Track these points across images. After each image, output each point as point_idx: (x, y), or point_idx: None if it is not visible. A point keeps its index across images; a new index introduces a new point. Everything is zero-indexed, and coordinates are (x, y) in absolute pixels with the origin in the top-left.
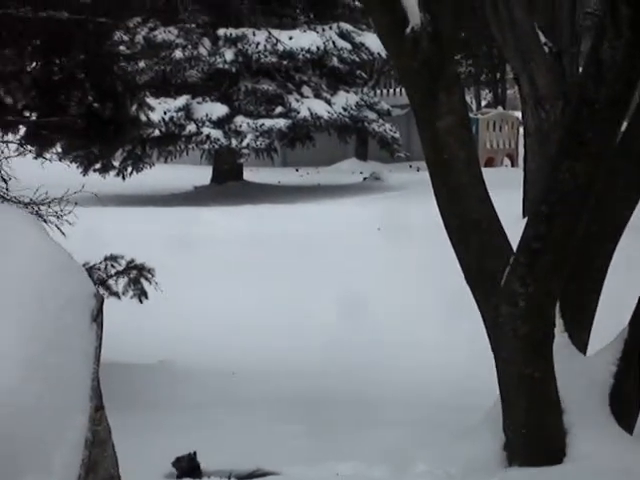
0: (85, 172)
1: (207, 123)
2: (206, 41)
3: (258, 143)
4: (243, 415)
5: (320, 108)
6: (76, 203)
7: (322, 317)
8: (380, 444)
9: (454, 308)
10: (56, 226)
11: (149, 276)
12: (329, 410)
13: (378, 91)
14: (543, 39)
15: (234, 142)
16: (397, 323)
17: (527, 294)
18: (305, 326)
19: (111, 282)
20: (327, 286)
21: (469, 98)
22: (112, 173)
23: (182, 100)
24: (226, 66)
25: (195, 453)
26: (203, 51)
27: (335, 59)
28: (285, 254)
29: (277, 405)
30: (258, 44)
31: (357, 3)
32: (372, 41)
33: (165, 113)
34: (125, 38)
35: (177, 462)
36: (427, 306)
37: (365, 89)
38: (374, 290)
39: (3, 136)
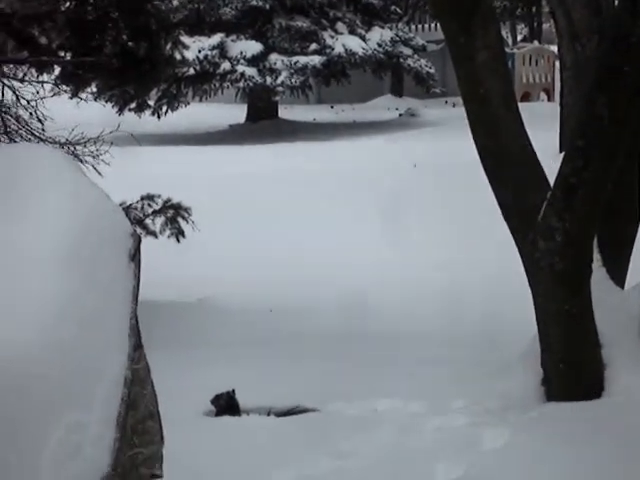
0: (120, 111)
1: (241, 61)
2: None
3: (293, 80)
4: (281, 352)
5: (355, 44)
6: (112, 143)
7: (358, 255)
8: (417, 381)
9: (485, 243)
10: (92, 166)
11: (186, 215)
12: (365, 347)
13: (413, 27)
14: None
15: (269, 80)
16: (432, 259)
17: (564, 229)
18: (341, 264)
19: (148, 221)
20: (365, 223)
21: (505, 33)
22: (147, 112)
23: (216, 38)
24: (260, 3)
25: (234, 391)
26: None
27: None
28: (322, 191)
29: (314, 342)
30: None
31: None
32: None
33: (199, 51)
34: None
35: (216, 400)
36: (459, 242)
37: (400, 25)
38: (410, 226)
39: (38, 76)
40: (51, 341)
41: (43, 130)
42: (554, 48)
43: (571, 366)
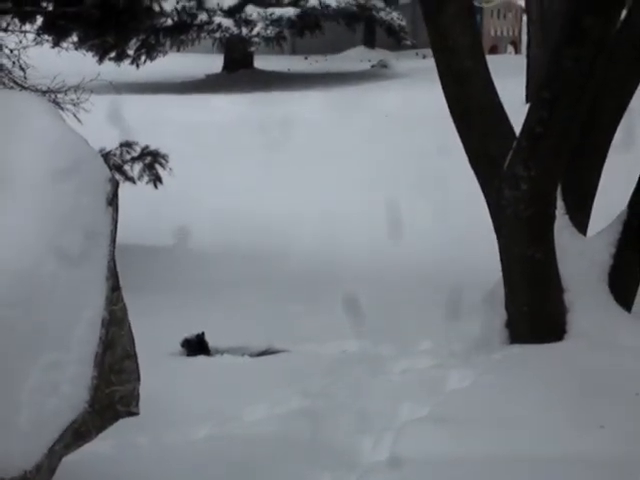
0: (100, 61)
1: (218, 12)
2: None
3: (268, 32)
4: (253, 295)
5: None
6: (92, 91)
7: (329, 201)
8: (384, 323)
9: (453, 191)
10: (72, 114)
11: (163, 162)
12: (335, 290)
13: None
14: None
15: (244, 31)
16: (399, 205)
17: (529, 177)
18: (312, 210)
19: (126, 168)
20: (332, 170)
21: None
22: (127, 62)
23: None
24: None
25: (203, 333)
26: None
27: None
28: (294, 140)
29: (286, 285)
30: None
31: None
32: None
33: (177, 2)
34: None
35: (186, 343)
36: (427, 190)
37: None
38: (378, 174)
39: (21, 26)
40: (30, 282)
41: (25, 78)
42: (521, 2)
43: (534, 309)
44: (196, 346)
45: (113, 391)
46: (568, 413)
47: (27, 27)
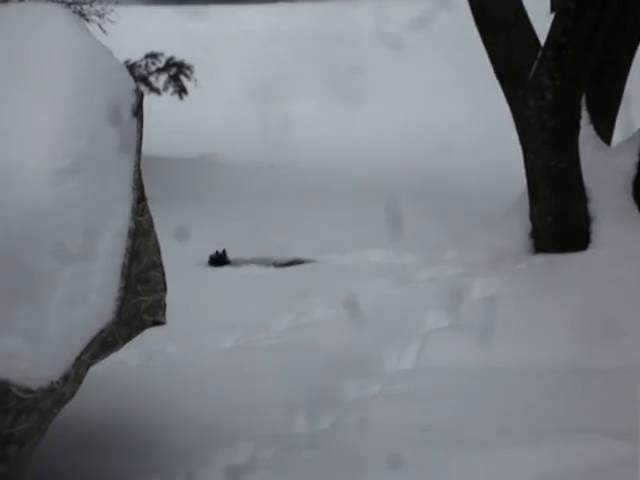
0: None
1: None
2: None
3: None
4: (280, 206)
5: None
6: (117, 2)
7: (363, 113)
8: (410, 233)
9: (482, 102)
10: (98, 25)
11: (188, 73)
12: (359, 202)
13: None
14: None
15: None
16: (424, 115)
17: (555, 87)
18: (342, 122)
19: (152, 79)
20: (368, 82)
21: None
22: None
23: None
24: None
25: (224, 251)
26: None
27: None
28: (324, 50)
29: (313, 197)
30: None
31: None
32: None
33: None
34: None
35: (210, 259)
36: (456, 99)
37: None
38: (401, 85)
39: None
40: (58, 193)
41: None
42: None
43: (558, 219)
44: (217, 263)
45: (140, 301)
46: (592, 322)
47: None
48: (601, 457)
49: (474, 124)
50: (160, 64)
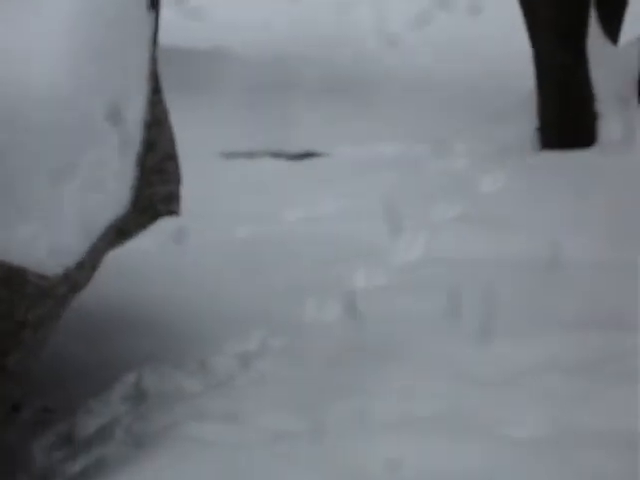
0: None
1: None
2: None
3: None
4: (293, 98)
5: None
6: None
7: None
8: (420, 126)
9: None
10: None
11: None
12: (372, 93)
13: None
14: None
15: None
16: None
17: None
18: (361, 18)
19: None
20: None
21: None
22: None
23: None
24: None
25: None
26: None
27: None
28: None
29: (322, 88)
30: None
31: None
32: None
33: None
34: None
35: None
36: None
37: None
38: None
39: None
40: (75, 81)
41: None
42: None
43: (566, 115)
44: None
45: (154, 191)
46: (599, 219)
47: None
48: (604, 349)
49: (485, 20)
50: None
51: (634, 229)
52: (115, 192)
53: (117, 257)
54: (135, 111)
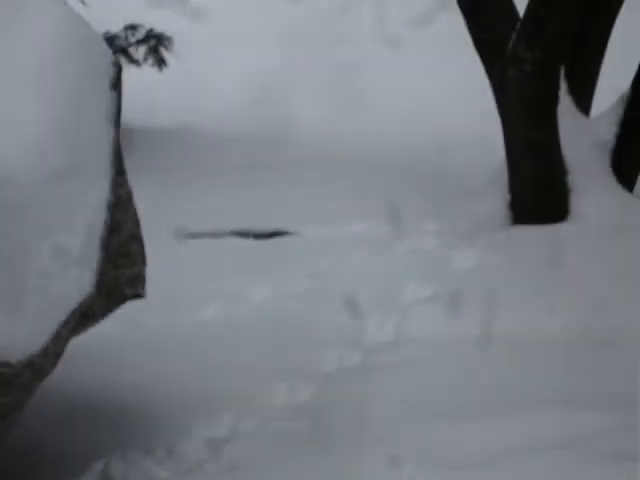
0: None
1: None
2: None
3: None
4: (261, 178)
5: None
6: None
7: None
8: (392, 206)
9: (459, 73)
10: None
11: (168, 44)
12: (343, 175)
13: None
14: None
15: None
16: (402, 85)
17: (533, 59)
18: (322, 94)
19: (131, 50)
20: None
21: None
22: None
23: None
24: None
25: None
26: None
27: None
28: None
29: (293, 168)
30: None
31: None
32: None
33: None
34: None
35: None
36: (431, 71)
37: None
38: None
39: None
40: (36, 166)
41: None
42: None
43: (537, 190)
44: None
45: (119, 274)
46: (570, 293)
47: None
48: (572, 428)
49: (453, 93)
50: (140, 35)
51: (606, 303)
52: (78, 276)
53: (81, 341)
54: (99, 193)
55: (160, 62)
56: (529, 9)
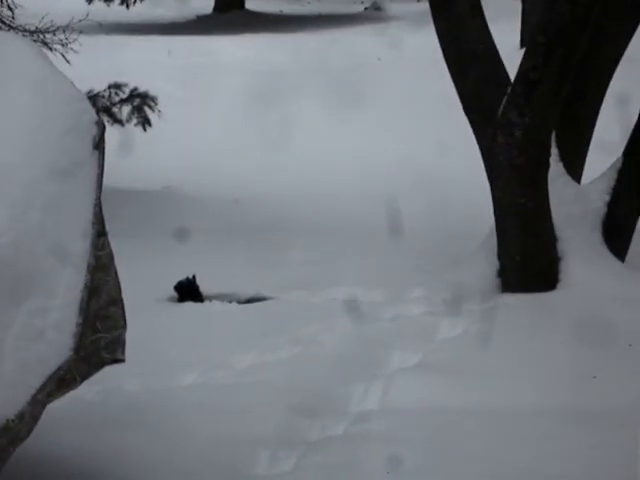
0: (90, 0)
1: None
2: None
3: None
4: (244, 242)
5: None
6: (80, 31)
7: (323, 147)
8: (375, 271)
9: (449, 138)
10: (61, 54)
11: (152, 104)
12: (327, 239)
13: None
14: None
15: None
16: (393, 152)
17: (524, 124)
18: (304, 158)
19: (115, 110)
20: (329, 114)
21: None
22: (116, 2)
23: None
24: None
25: (194, 277)
26: None
27: None
28: (287, 83)
29: (278, 233)
30: None
31: None
32: None
33: None
34: None
35: (179, 285)
36: (422, 136)
37: None
38: (372, 119)
39: None
40: (15, 227)
41: (13, 18)
42: None
43: (527, 258)
44: (187, 289)
45: (99, 338)
46: (559, 364)
47: None
48: None
49: (443, 160)
50: (124, 95)
51: (597, 374)
52: (56, 340)
53: (58, 406)
54: (79, 255)
55: (144, 122)
56: (520, 73)
